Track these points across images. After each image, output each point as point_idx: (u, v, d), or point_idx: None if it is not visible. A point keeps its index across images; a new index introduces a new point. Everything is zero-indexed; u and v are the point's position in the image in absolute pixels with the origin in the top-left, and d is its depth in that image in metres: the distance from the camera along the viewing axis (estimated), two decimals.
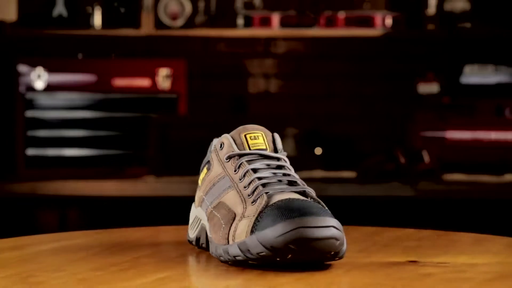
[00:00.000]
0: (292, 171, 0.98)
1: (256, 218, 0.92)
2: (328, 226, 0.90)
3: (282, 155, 0.99)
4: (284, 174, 0.97)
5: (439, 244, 1.11)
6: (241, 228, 0.94)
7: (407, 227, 1.21)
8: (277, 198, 0.94)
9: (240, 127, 1.01)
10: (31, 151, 3.34)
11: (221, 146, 1.01)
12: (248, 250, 0.91)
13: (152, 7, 3.46)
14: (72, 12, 3.46)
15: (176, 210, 3.06)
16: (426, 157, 3.16)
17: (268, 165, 0.98)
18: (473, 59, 3.45)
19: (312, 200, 0.96)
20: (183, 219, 1.13)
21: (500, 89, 3.37)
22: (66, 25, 3.45)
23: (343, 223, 0.94)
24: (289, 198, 0.94)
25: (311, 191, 0.96)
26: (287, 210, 0.91)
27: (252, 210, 0.94)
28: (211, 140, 1.05)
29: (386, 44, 3.57)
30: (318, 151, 3.45)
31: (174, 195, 2.99)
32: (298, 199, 0.94)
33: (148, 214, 3.09)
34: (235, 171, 0.98)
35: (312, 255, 0.90)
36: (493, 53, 3.50)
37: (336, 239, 0.90)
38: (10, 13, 3.46)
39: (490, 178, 3.13)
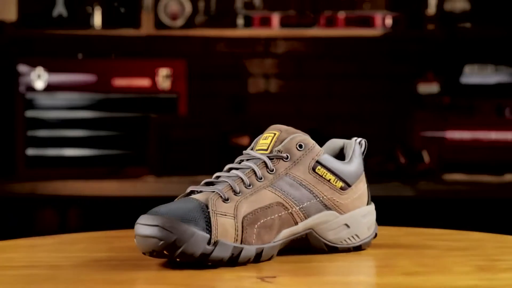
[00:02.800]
0: (258, 173, 0.94)
1: None
2: (152, 225, 0.87)
3: (265, 156, 0.96)
4: (237, 176, 0.94)
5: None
6: None
7: (407, 226, 1.21)
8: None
9: (269, 127, 1.00)
10: (31, 151, 3.34)
11: None
12: None
13: (152, 7, 3.46)
14: (72, 12, 3.46)
15: None
16: (426, 157, 3.16)
17: (247, 166, 0.95)
18: (473, 59, 3.45)
19: (203, 201, 0.91)
20: None
21: (500, 89, 3.37)
22: (66, 25, 3.45)
23: None
24: (185, 198, 0.94)
25: (219, 193, 0.91)
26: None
27: None
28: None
29: (386, 44, 3.57)
30: None
31: (174, 195, 2.97)
32: (185, 199, 0.93)
33: None
34: None
35: (146, 251, 0.89)
36: (493, 53, 3.50)
37: (159, 239, 0.87)
38: (10, 13, 3.46)
39: (490, 178, 3.13)
